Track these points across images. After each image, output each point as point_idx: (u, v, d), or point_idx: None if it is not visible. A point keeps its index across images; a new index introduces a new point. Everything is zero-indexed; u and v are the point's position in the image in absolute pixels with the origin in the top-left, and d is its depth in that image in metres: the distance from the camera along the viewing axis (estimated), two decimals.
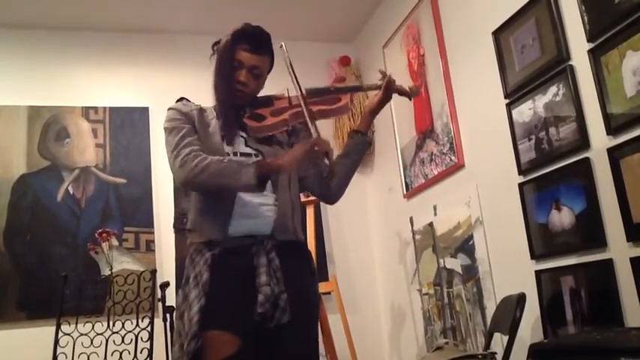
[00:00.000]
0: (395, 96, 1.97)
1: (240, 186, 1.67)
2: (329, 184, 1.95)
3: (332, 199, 2.03)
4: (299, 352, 1.71)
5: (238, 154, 1.79)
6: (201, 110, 1.86)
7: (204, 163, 1.68)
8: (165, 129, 1.81)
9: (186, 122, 1.80)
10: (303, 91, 1.78)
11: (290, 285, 1.69)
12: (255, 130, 1.79)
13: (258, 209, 1.76)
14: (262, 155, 1.80)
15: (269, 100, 1.87)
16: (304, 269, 1.82)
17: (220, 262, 1.68)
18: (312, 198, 3.35)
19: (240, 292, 1.65)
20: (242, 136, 1.83)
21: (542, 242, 2.33)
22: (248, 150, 1.81)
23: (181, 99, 1.91)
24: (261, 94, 1.90)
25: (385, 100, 1.94)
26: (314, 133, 1.70)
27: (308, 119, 1.72)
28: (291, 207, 1.82)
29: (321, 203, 3.81)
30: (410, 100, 2.01)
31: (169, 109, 1.85)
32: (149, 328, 2.86)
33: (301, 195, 3.20)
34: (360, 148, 1.97)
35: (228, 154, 1.77)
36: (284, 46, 1.78)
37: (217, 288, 1.64)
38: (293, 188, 1.87)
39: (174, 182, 3.64)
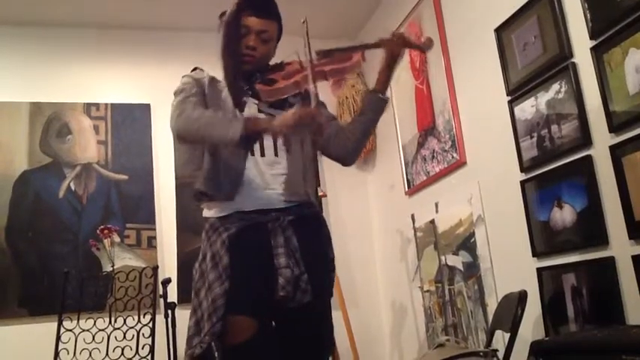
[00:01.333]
0: (396, 95, 1.96)
1: (227, 140, 1.62)
2: (345, 144, 1.91)
3: (348, 161, 1.97)
4: (317, 329, 1.75)
5: None
6: (214, 79, 1.86)
7: (197, 115, 1.68)
8: (175, 91, 1.82)
9: (195, 86, 1.80)
10: (313, 54, 1.75)
11: (308, 265, 1.70)
12: (266, 94, 1.78)
13: (271, 180, 1.76)
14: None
15: (280, 65, 1.86)
16: (320, 241, 1.82)
17: (238, 244, 1.68)
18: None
19: (260, 274, 1.66)
20: (255, 103, 1.82)
21: (544, 240, 2.33)
22: (261, 116, 1.80)
23: (195, 68, 1.91)
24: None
25: (392, 57, 1.85)
26: (313, 101, 1.69)
27: (312, 81, 1.69)
28: (302, 171, 1.81)
29: (323, 200, 3.82)
30: (423, 53, 1.97)
31: (183, 76, 1.87)
32: (151, 325, 2.87)
33: None
34: (376, 107, 1.90)
35: None
36: (306, 21, 1.75)
37: (238, 272, 1.65)
38: (306, 150, 1.86)
39: (175, 179, 3.65)
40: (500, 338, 2.38)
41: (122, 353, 2.84)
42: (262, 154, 1.78)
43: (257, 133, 1.64)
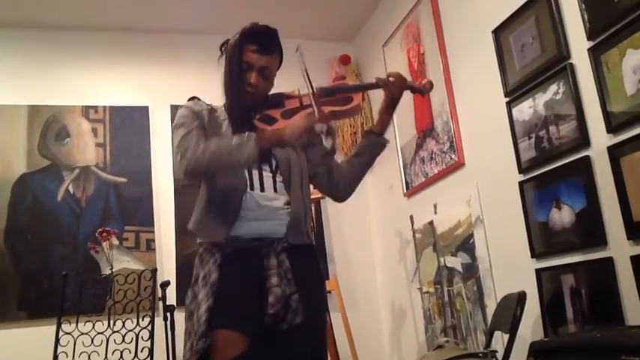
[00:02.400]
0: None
1: (243, 162, 1.64)
2: (338, 182, 1.93)
3: (341, 198, 1.99)
4: (309, 354, 1.70)
5: None
6: (212, 110, 1.85)
7: (203, 146, 1.66)
8: (174, 126, 1.80)
9: (195, 120, 1.78)
10: (315, 91, 1.70)
11: (300, 286, 1.69)
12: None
13: (270, 212, 1.75)
14: (275, 158, 1.80)
15: (280, 101, 1.82)
16: (313, 271, 1.81)
17: (230, 263, 1.68)
18: (312, 196, 3.34)
19: (249, 293, 1.65)
20: None
21: (543, 241, 2.33)
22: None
23: (193, 98, 1.89)
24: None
25: (392, 99, 1.86)
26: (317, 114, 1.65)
27: (316, 109, 1.65)
28: (304, 209, 1.81)
29: (322, 202, 3.83)
30: (423, 96, 1.96)
31: (181, 107, 1.84)
32: (150, 327, 2.86)
33: None
34: (374, 149, 1.93)
35: None
36: (300, 48, 1.69)
37: (226, 288, 1.64)
38: (305, 188, 1.86)
39: (174, 181, 3.65)
40: (500, 339, 2.38)
41: (121, 356, 2.84)
42: (262, 189, 1.77)
43: (271, 146, 1.66)
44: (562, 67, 2.20)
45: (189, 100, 1.88)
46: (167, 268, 3.50)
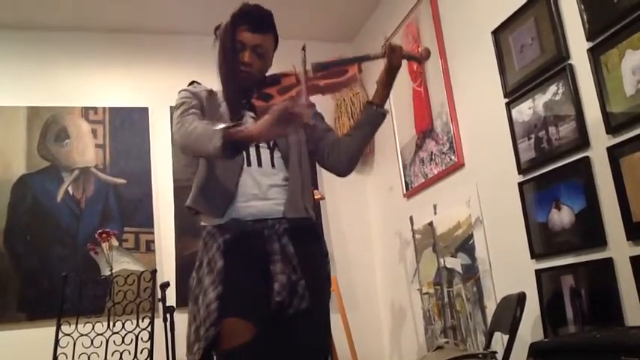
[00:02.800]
0: (394, 98, 1.95)
1: (211, 152, 1.58)
2: (340, 157, 1.91)
3: (343, 172, 1.96)
4: (314, 338, 1.73)
5: None
6: (212, 92, 1.87)
7: (193, 126, 1.66)
8: (175, 107, 1.81)
9: (194, 99, 1.80)
10: (311, 65, 1.74)
11: (304, 270, 1.70)
12: (262, 110, 1.77)
13: (268, 189, 1.75)
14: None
15: (277, 79, 1.85)
16: (316, 252, 1.81)
17: (233, 249, 1.68)
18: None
19: (255, 279, 1.66)
20: (252, 117, 1.81)
21: (542, 241, 2.33)
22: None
23: (192, 82, 1.92)
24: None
25: (392, 68, 1.85)
26: (304, 102, 1.67)
27: (305, 93, 1.69)
28: (301, 185, 1.80)
29: (321, 203, 3.82)
30: (420, 64, 1.95)
31: (180, 90, 1.86)
32: (149, 329, 2.86)
33: None
34: (374, 121, 1.90)
35: None
36: (305, 49, 1.72)
37: (232, 276, 1.65)
38: (304, 165, 1.85)
39: (174, 182, 3.65)
40: (499, 340, 2.38)
41: (121, 357, 2.84)
42: (259, 165, 1.77)
43: (237, 141, 1.58)
44: (561, 68, 2.20)
45: (189, 84, 1.91)
46: (167, 269, 3.50)
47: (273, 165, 1.78)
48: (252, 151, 1.78)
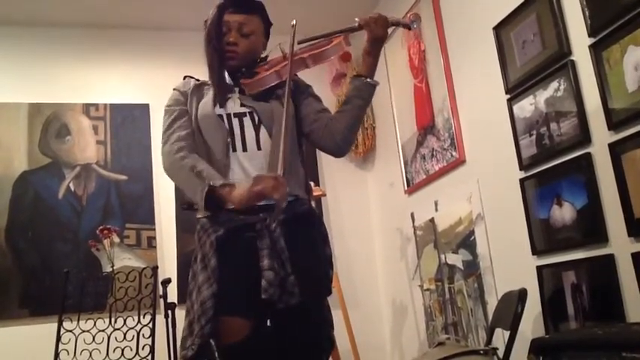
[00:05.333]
0: (395, 94, 1.95)
1: (197, 203, 1.70)
2: (334, 135, 1.83)
3: (340, 151, 1.88)
4: (311, 334, 1.71)
5: (232, 115, 1.78)
6: (202, 84, 1.89)
7: (180, 164, 1.74)
8: (165, 106, 1.90)
9: (180, 104, 1.86)
10: (296, 41, 1.78)
11: (297, 264, 1.67)
12: (248, 87, 1.81)
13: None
14: (256, 112, 1.78)
15: (264, 60, 1.90)
16: (312, 240, 1.77)
17: (226, 245, 1.68)
18: (313, 194, 3.34)
19: (248, 276, 1.65)
20: (238, 97, 1.83)
21: (544, 238, 2.33)
22: (242, 109, 1.80)
23: (185, 77, 1.95)
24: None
25: (375, 38, 1.82)
26: (287, 97, 1.69)
27: (290, 69, 1.73)
28: (291, 161, 1.75)
29: (322, 199, 3.82)
30: (410, 30, 1.93)
31: (173, 89, 1.92)
32: (151, 325, 2.87)
33: None
34: (363, 93, 1.83)
35: (220, 116, 1.78)
36: (294, 26, 1.76)
37: (226, 273, 1.65)
38: (292, 142, 1.81)
39: None
40: (501, 336, 2.39)
41: (122, 354, 2.84)
42: (244, 149, 1.76)
43: (219, 201, 1.66)
44: (563, 64, 2.20)
45: (184, 78, 1.95)
46: (168, 265, 3.50)
47: (259, 147, 1.76)
48: (237, 131, 1.77)
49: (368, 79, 1.83)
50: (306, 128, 1.88)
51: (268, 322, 1.69)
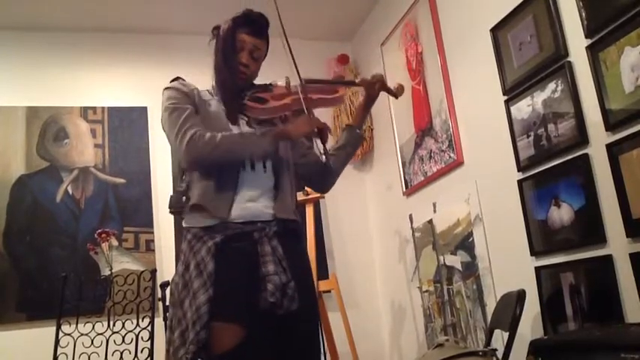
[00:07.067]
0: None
1: (261, 154, 1.76)
2: (325, 179, 2.03)
3: (324, 188, 2.10)
4: (307, 341, 1.75)
5: None
6: (200, 91, 1.88)
7: (216, 140, 1.70)
8: (165, 108, 1.79)
9: (187, 102, 1.80)
10: (303, 80, 1.81)
11: (294, 272, 1.71)
12: (258, 112, 1.84)
13: (260, 194, 1.77)
14: None
15: (268, 87, 1.90)
16: (302, 254, 1.86)
17: (224, 252, 1.67)
18: (311, 196, 3.35)
19: (245, 282, 1.65)
20: (244, 119, 1.85)
21: (542, 239, 2.34)
22: (252, 130, 1.84)
23: (176, 78, 1.88)
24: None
25: (370, 97, 1.99)
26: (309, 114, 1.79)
27: (305, 106, 1.79)
28: (290, 186, 1.85)
29: (321, 201, 3.82)
30: (396, 98, 2.05)
31: (167, 88, 1.84)
32: (149, 328, 2.87)
33: (300, 193, 3.21)
34: (355, 143, 2.05)
35: None
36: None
37: (223, 279, 1.64)
38: (290, 170, 1.89)
39: (173, 181, 3.65)
40: (499, 337, 2.39)
41: (121, 357, 2.84)
42: (252, 168, 1.79)
43: (281, 140, 1.79)
44: (560, 65, 2.20)
45: (173, 80, 1.87)
46: (166, 268, 3.49)
47: (265, 169, 1.81)
48: None
49: (359, 131, 2.05)
50: (297, 160, 1.97)
51: (263, 329, 1.67)
